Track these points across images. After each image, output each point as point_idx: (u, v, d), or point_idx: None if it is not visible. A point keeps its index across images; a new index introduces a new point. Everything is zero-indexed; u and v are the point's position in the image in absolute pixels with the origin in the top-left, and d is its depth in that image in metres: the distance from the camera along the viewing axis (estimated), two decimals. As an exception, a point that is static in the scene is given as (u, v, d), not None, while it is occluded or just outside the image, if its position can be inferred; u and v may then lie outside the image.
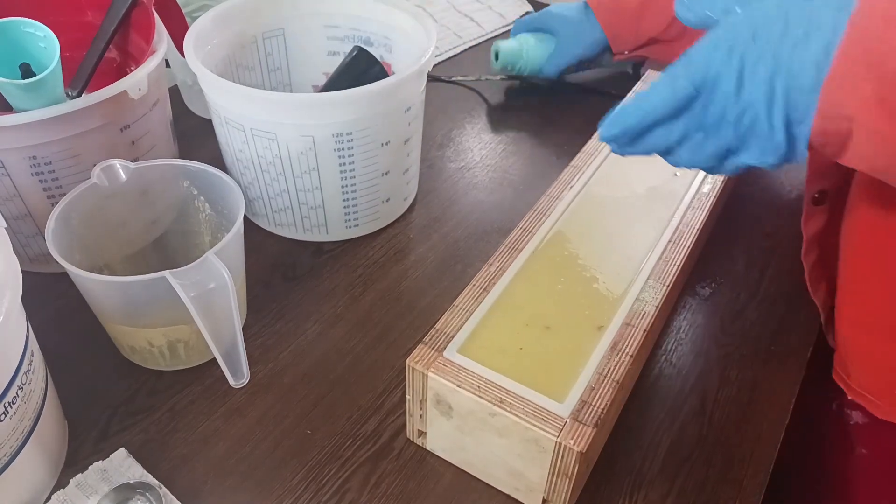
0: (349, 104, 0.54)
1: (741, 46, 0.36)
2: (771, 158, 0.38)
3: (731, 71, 0.36)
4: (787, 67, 0.35)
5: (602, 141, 0.42)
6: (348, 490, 0.46)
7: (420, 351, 0.44)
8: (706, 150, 0.40)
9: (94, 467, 0.45)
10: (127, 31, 0.60)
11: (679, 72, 0.38)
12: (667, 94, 0.38)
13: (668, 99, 0.38)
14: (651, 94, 0.39)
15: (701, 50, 0.38)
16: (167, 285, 0.44)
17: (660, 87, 0.39)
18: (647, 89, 0.39)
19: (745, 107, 0.37)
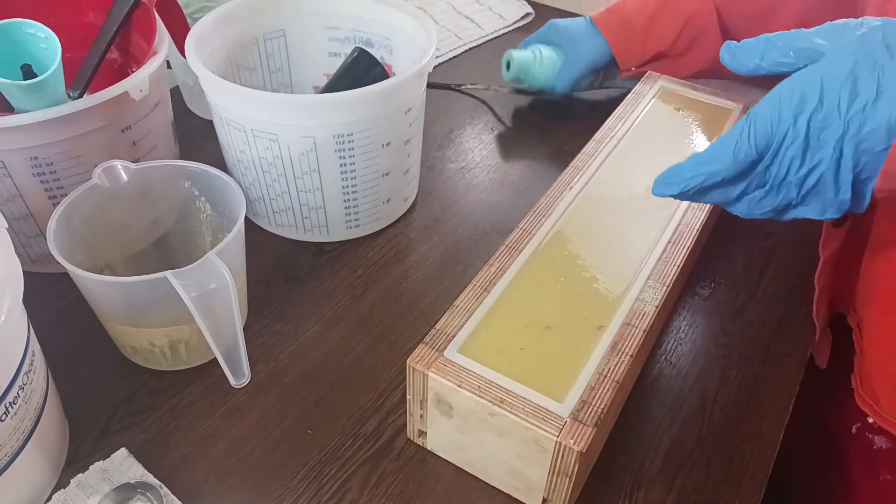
0: (350, 105, 0.54)
1: (808, 110, 0.35)
2: (833, 213, 0.37)
3: (797, 135, 0.35)
4: (856, 131, 0.34)
5: (655, 195, 0.41)
6: (349, 490, 0.46)
7: (420, 351, 0.44)
8: (765, 206, 0.39)
9: (95, 467, 0.46)
10: (128, 32, 0.60)
11: (741, 135, 0.37)
12: (728, 160, 0.37)
13: (729, 165, 0.37)
14: (712, 156, 0.38)
15: (765, 112, 0.36)
16: (168, 286, 0.44)
17: (721, 150, 0.37)
18: (707, 149, 0.38)
19: (810, 169, 0.36)
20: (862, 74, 0.34)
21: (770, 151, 0.37)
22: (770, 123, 0.36)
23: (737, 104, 0.68)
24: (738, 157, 0.37)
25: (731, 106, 0.68)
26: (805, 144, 0.36)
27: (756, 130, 0.36)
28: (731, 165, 0.37)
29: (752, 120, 0.37)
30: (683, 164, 0.39)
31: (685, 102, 0.68)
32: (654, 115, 0.66)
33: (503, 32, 0.97)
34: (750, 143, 0.36)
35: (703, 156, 0.38)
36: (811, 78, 0.35)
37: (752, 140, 0.36)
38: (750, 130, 0.37)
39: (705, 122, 0.66)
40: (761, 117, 0.36)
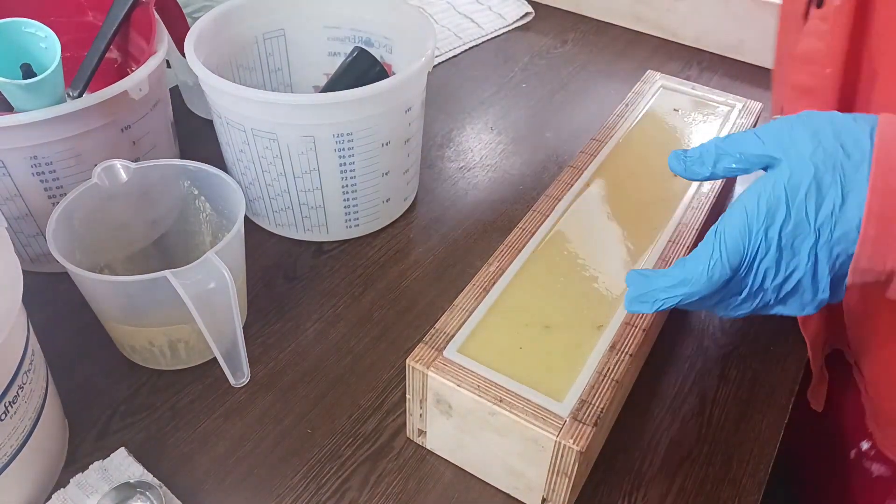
0: (350, 105, 0.54)
1: (778, 222, 0.35)
2: (812, 310, 0.37)
3: (769, 247, 0.35)
4: (828, 237, 0.34)
5: (628, 311, 0.41)
6: (348, 489, 0.46)
7: (420, 350, 0.44)
8: (743, 309, 0.39)
9: (95, 466, 0.46)
10: (128, 32, 0.60)
11: (714, 256, 0.36)
12: (703, 281, 0.37)
13: (704, 286, 0.37)
14: (686, 278, 0.37)
15: (734, 229, 0.36)
16: (168, 285, 0.44)
17: (695, 272, 0.37)
18: (679, 269, 0.38)
19: (786, 277, 0.36)
20: (824, 179, 0.34)
21: (744, 266, 0.37)
22: (741, 240, 0.36)
23: (737, 104, 0.68)
24: (712, 278, 0.37)
25: (730, 106, 0.68)
26: (778, 255, 0.36)
27: (728, 250, 0.36)
28: (706, 286, 0.37)
29: (722, 238, 0.36)
30: (656, 283, 0.39)
31: (685, 102, 0.68)
32: (654, 115, 0.66)
33: (503, 32, 0.97)
34: (724, 263, 0.36)
35: (677, 276, 0.38)
36: (775, 188, 0.35)
37: (724, 259, 0.36)
38: (722, 250, 0.36)
39: (705, 121, 0.66)
40: (731, 236, 0.36)
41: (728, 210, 0.37)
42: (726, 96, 0.69)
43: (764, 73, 0.90)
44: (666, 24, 0.95)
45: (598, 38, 0.96)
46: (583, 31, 0.97)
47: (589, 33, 0.97)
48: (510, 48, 0.93)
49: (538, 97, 0.84)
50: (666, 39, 0.96)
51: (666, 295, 0.38)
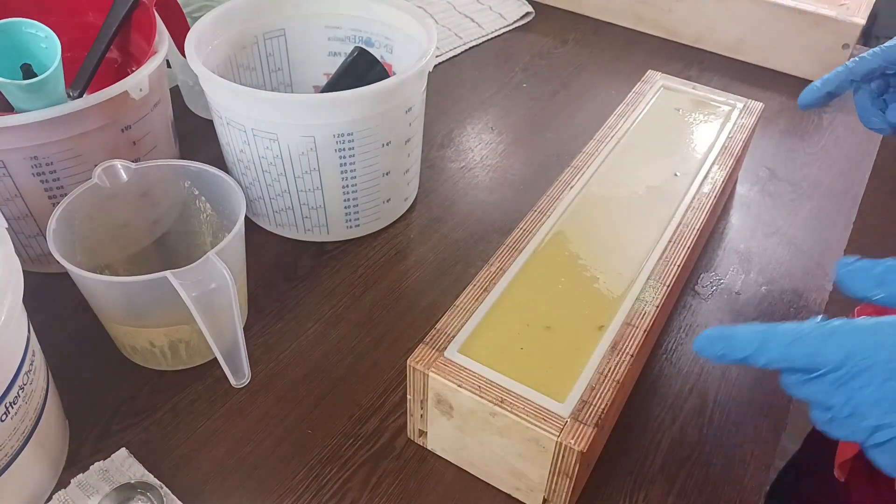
0: (350, 105, 0.54)
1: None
2: None
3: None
4: None
5: (697, 348, 0.37)
6: (349, 490, 0.46)
7: (421, 351, 0.44)
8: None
9: (95, 467, 0.46)
10: (128, 32, 0.60)
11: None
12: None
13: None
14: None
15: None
16: (168, 285, 0.44)
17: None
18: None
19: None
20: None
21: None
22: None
23: (737, 104, 0.68)
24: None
25: (731, 105, 0.68)
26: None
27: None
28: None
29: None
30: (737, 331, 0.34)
31: (685, 102, 0.68)
32: (654, 115, 0.66)
33: (503, 32, 0.97)
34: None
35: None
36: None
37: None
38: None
39: (706, 121, 0.66)
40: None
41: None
42: (727, 96, 0.69)
43: (764, 72, 0.90)
44: (666, 24, 0.95)
45: (599, 38, 0.96)
46: (583, 31, 0.97)
47: (589, 33, 0.97)
48: (510, 48, 0.93)
49: (539, 97, 0.84)
50: (666, 39, 0.96)
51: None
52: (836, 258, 0.65)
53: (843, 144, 0.79)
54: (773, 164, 0.75)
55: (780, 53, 0.89)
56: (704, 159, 0.61)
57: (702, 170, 0.60)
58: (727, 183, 0.61)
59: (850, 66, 0.52)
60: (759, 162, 0.75)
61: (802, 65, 0.88)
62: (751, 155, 0.75)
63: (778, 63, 0.90)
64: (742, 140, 0.64)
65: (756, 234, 0.67)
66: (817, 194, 0.72)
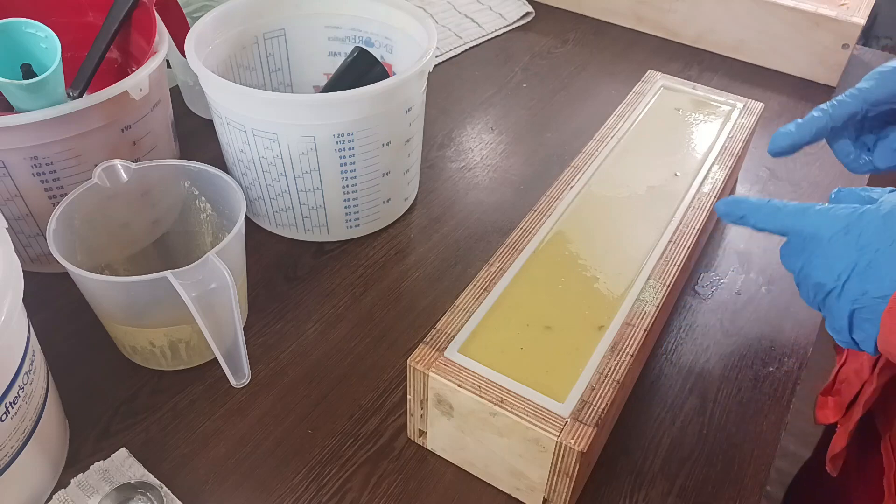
0: (350, 105, 0.54)
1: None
2: (841, 340, 0.41)
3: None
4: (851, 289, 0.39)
5: (715, 209, 0.47)
6: (349, 490, 0.46)
7: (421, 351, 0.44)
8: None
9: (95, 467, 0.46)
10: (128, 32, 0.60)
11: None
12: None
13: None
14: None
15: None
16: (168, 285, 0.44)
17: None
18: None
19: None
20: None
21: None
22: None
23: (738, 104, 0.68)
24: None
25: (731, 105, 0.68)
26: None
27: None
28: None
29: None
30: (740, 200, 0.46)
31: (685, 102, 0.68)
32: (654, 115, 0.66)
33: (503, 31, 0.97)
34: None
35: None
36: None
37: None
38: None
39: (706, 121, 0.66)
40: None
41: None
42: (727, 96, 0.69)
43: (764, 73, 0.90)
44: (666, 24, 0.95)
45: (599, 38, 0.96)
46: (583, 31, 0.97)
47: (589, 33, 0.97)
48: (511, 48, 0.93)
49: (539, 97, 0.84)
50: (666, 39, 0.96)
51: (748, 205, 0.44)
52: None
53: (843, 144, 0.79)
54: (773, 164, 0.75)
55: (780, 53, 0.89)
56: (704, 159, 0.61)
57: (702, 170, 0.60)
58: (727, 183, 0.61)
59: (828, 111, 0.48)
60: (759, 162, 0.75)
61: (802, 65, 0.88)
62: (751, 155, 0.75)
63: (778, 63, 0.90)
64: (742, 140, 0.64)
65: (756, 234, 0.66)
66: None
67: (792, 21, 0.85)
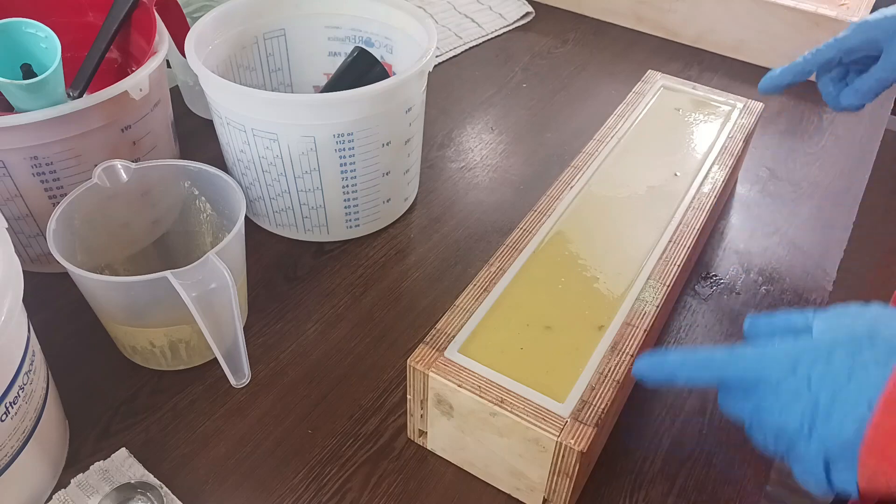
0: (350, 105, 0.54)
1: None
2: (819, 490, 0.37)
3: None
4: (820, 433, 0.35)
5: (633, 373, 0.42)
6: (349, 490, 0.46)
7: (421, 351, 0.44)
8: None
9: (95, 467, 0.46)
10: (128, 32, 0.60)
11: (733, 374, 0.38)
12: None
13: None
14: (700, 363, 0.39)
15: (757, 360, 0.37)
16: (168, 285, 0.44)
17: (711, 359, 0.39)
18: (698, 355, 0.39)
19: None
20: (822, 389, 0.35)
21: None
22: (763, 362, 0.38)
23: (737, 104, 0.68)
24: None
25: (731, 105, 0.68)
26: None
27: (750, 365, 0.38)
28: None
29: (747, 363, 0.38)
30: (668, 353, 0.40)
31: (685, 102, 0.68)
32: (654, 115, 0.66)
33: (503, 31, 0.97)
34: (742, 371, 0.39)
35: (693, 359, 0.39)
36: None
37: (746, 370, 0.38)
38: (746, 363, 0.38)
39: (706, 121, 0.66)
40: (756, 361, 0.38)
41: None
42: (727, 96, 0.69)
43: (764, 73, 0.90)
44: (666, 24, 0.95)
45: (599, 38, 0.96)
46: (583, 31, 0.97)
47: (589, 33, 0.97)
48: (511, 48, 0.93)
49: (539, 97, 0.84)
50: (666, 39, 0.96)
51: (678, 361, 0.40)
52: (836, 258, 0.65)
53: (842, 144, 0.79)
54: (773, 164, 0.75)
55: (780, 53, 0.89)
56: (704, 159, 0.61)
57: (702, 170, 0.60)
58: (727, 183, 0.61)
59: (807, 56, 0.57)
60: (759, 162, 0.75)
61: (802, 65, 0.88)
62: (751, 155, 0.75)
63: (778, 63, 0.89)
64: (742, 140, 0.64)
65: (756, 234, 0.67)
66: (817, 194, 0.72)
67: (792, 21, 0.85)
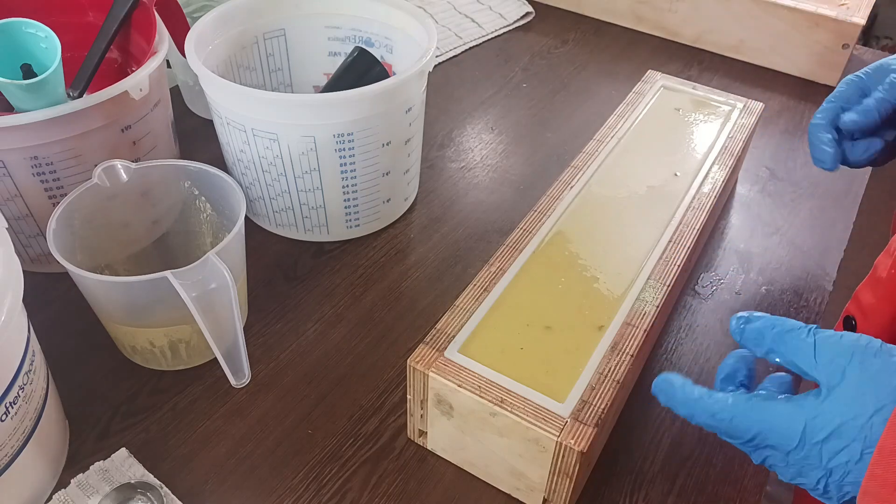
0: (350, 105, 0.54)
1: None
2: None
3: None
4: (838, 478, 0.34)
5: (653, 392, 0.41)
6: (349, 490, 0.46)
7: (421, 351, 0.44)
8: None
9: (95, 467, 0.46)
10: (128, 32, 0.60)
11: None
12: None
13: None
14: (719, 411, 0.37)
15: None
16: (168, 285, 0.44)
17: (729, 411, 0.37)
18: (721, 401, 0.37)
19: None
20: (850, 431, 0.34)
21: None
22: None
23: (738, 104, 0.68)
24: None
25: (731, 105, 0.68)
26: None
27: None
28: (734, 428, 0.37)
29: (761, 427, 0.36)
30: (692, 392, 0.39)
31: (686, 102, 0.68)
32: (654, 115, 0.66)
33: (503, 32, 0.96)
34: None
35: (715, 402, 0.38)
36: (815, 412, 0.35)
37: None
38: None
39: (706, 121, 0.66)
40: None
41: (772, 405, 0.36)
42: (727, 96, 0.69)
43: (764, 72, 0.90)
44: (666, 24, 0.95)
45: (599, 38, 0.96)
46: (583, 31, 0.97)
47: (589, 33, 0.97)
48: (511, 48, 0.93)
49: (539, 97, 0.84)
50: (666, 39, 0.96)
51: (699, 405, 0.39)
52: (836, 258, 0.65)
53: (843, 144, 0.79)
54: (773, 164, 0.75)
55: (780, 53, 0.89)
56: (704, 159, 0.61)
57: (702, 170, 0.60)
58: (727, 183, 0.61)
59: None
60: (759, 162, 0.75)
61: (802, 65, 0.88)
62: (751, 155, 0.75)
63: (778, 63, 0.90)
64: (742, 140, 0.64)
65: (756, 234, 0.67)
66: (817, 194, 0.72)
67: (792, 21, 0.85)
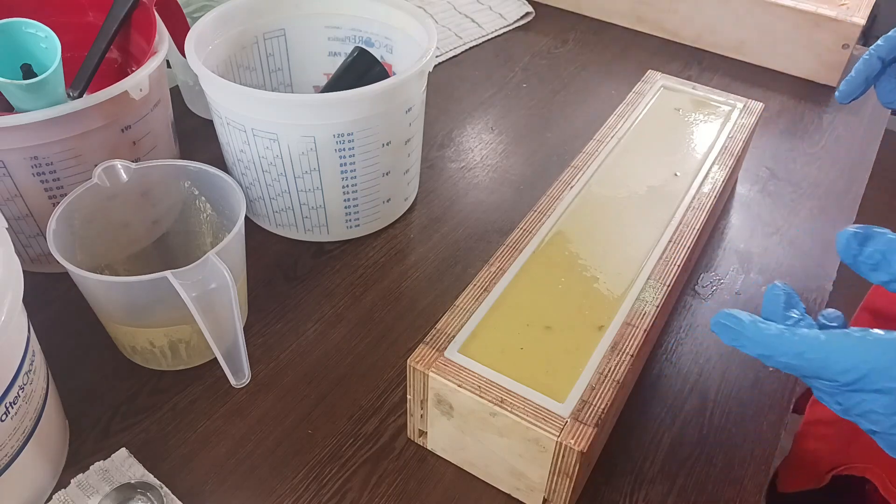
0: (350, 105, 0.54)
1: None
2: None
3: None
4: None
5: (713, 330, 0.37)
6: (349, 490, 0.46)
7: (421, 351, 0.44)
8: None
9: (95, 467, 0.46)
10: (128, 32, 0.60)
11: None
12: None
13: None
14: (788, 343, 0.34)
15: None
16: (168, 285, 0.44)
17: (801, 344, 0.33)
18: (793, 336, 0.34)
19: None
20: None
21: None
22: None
23: (738, 104, 0.68)
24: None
25: (731, 105, 0.68)
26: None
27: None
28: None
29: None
30: (752, 321, 0.35)
31: (686, 102, 0.68)
32: (654, 115, 0.66)
33: (503, 32, 0.97)
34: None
35: (785, 334, 0.34)
36: None
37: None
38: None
39: (706, 121, 0.66)
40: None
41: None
42: (727, 96, 0.69)
43: (764, 72, 0.90)
44: (666, 24, 0.95)
45: (599, 38, 0.96)
46: (583, 31, 0.97)
47: (589, 33, 0.97)
48: (510, 48, 0.93)
49: (539, 97, 0.84)
50: (666, 39, 0.96)
51: (756, 333, 0.35)
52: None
53: (843, 144, 0.79)
54: (773, 164, 0.75)
55: (781, 53, 0.89)
56: (704, 159, 0.61)
57: (702, 170, 0.60)
58: (727, 183, 0.61)
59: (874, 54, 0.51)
60: (759, 162, 0.75)
61: (802, 65, 0.88)
62: (751, 155, 0.75)
63: (778, 63, 0.90)
64: (742, 140, 0.64)
65: (756, 234, 0.67)
66: (817, 194, 0.72)
67: (792, 21, 0.85)
